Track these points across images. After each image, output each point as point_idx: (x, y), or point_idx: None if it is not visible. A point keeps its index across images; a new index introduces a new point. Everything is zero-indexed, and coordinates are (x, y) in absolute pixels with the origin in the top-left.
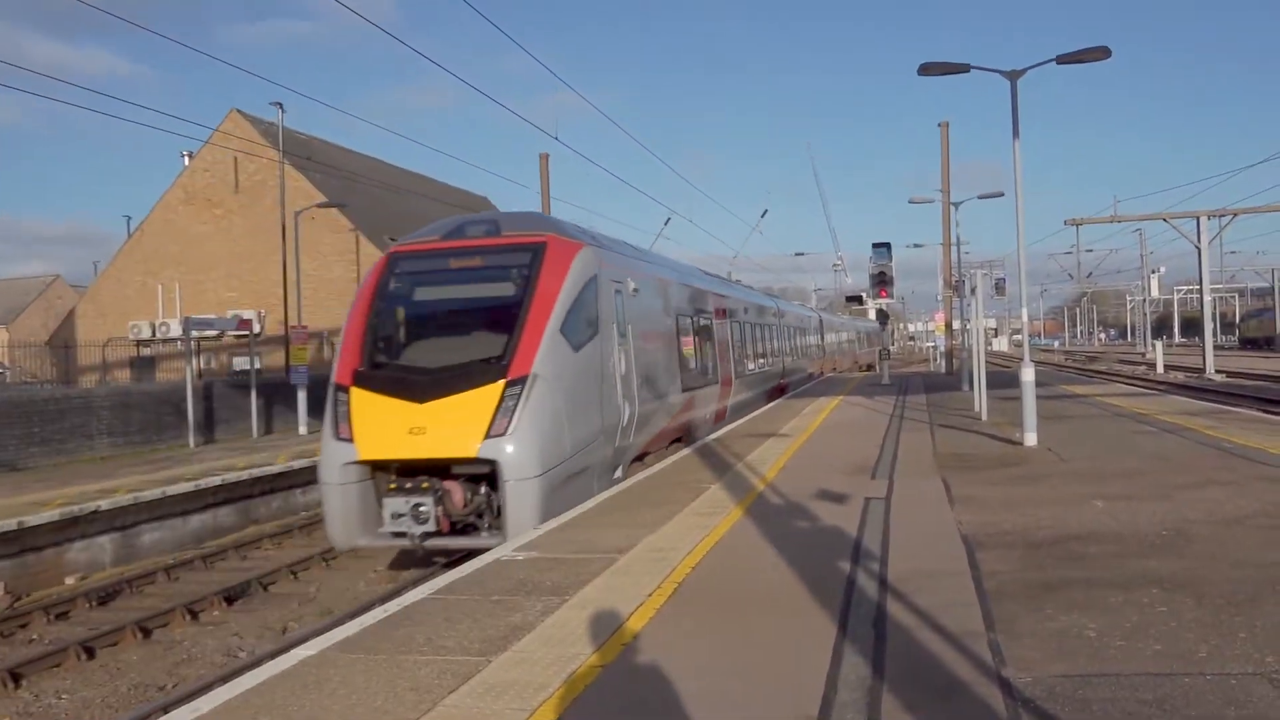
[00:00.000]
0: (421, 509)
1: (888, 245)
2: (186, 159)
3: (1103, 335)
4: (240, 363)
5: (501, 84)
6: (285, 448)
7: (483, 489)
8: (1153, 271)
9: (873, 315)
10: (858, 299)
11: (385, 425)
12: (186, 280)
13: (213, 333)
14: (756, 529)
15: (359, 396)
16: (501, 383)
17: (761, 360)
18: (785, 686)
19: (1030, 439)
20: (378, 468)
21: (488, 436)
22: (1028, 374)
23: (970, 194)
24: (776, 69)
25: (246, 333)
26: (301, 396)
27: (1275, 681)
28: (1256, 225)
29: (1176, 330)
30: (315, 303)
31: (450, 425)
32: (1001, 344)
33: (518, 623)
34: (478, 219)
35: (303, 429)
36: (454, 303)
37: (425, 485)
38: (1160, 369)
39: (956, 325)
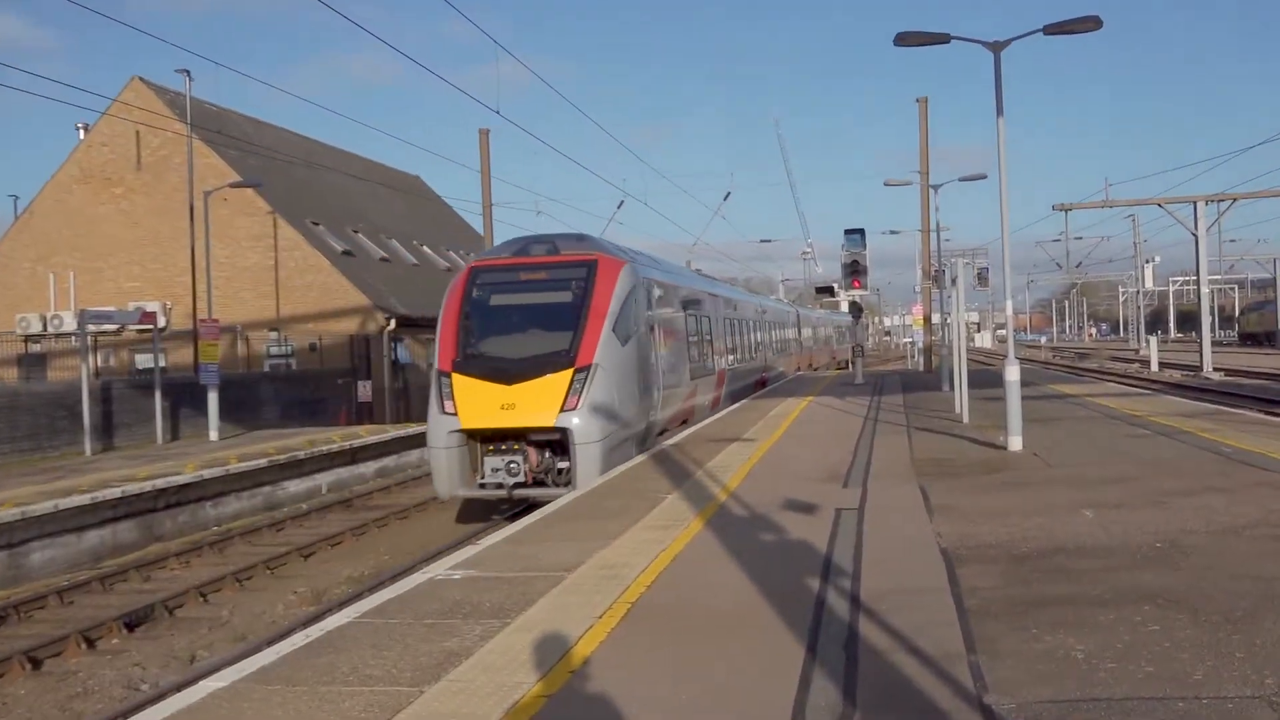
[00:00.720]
0: (513, 465)
1: (861, 232)
2: (82, 132)
3: (1093, 330)
4: (143, 360)
5: (441, 53)
6: (194, 455)
7: (546, 453)
8: (1147, 261)
9: (845, 308)
10: (829, 290)
11: (481, 402)
12: (82, 268)
13: (112, 327)
14: (718, 543)
15: (460, 380)
16: (570, 370)
17: (748, 354)
18: (748, 716)
19: (1015, 443)
20: (471, 435)
21: (561, 411)
22: (1012, 372)
23: (951, 177)
24: (741, 39)
25: (150, 327)
26: (212, 398)
27: (1275, 705)
28: (1257, 211)
29: (1172, 325)
30: (228, 293)
31: (532, 402)
32: (984, 339)
33: (454, 648)
34: (539, 239)
35: (214, 434)
36: (527, 308)
37: (516, 448)
38: (1155, 367)
39: (936, 319)
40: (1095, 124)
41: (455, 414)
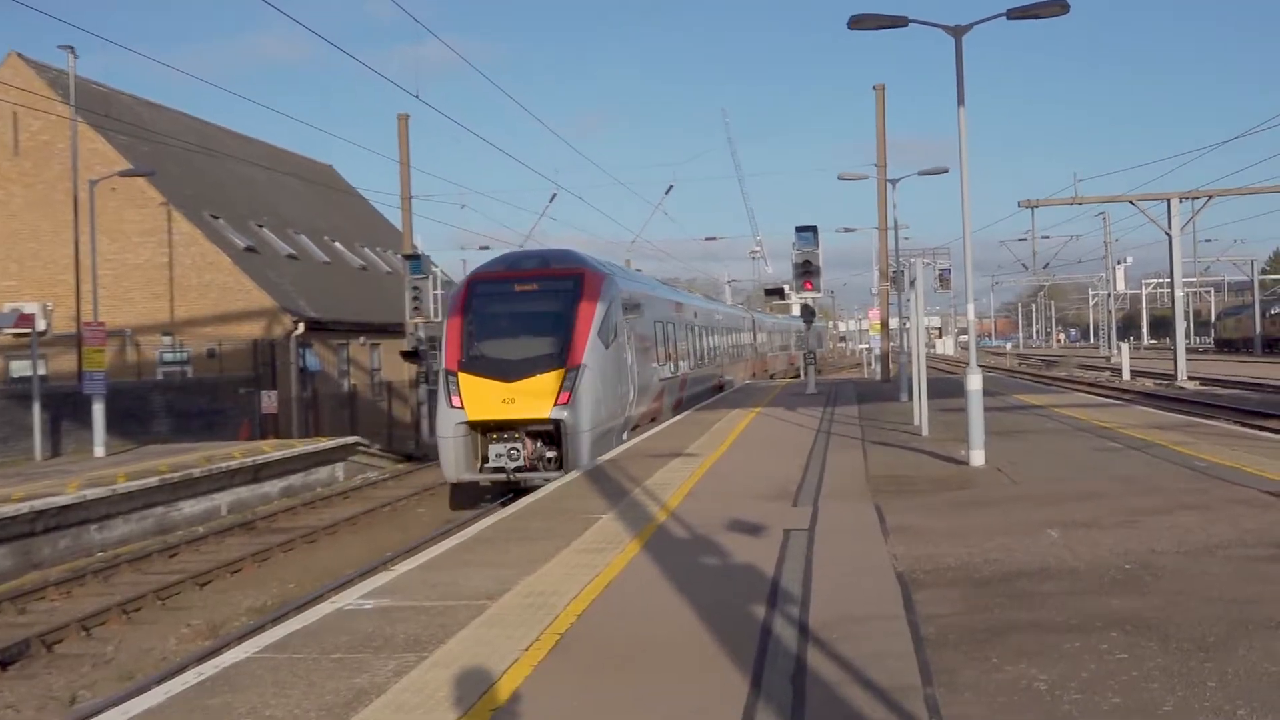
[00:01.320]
0: (514, 451)
1: (814, 229)
2: None
3: (1062, 335)
4: (20, 368)
5: (357, 32)
6: (77, 473)
7: (538, 443)
8: (1118, 262)
9: (796, 311)
10: (778, 292)
11: (485, 397)
12: None
13: None
14: (655, 568)
15: (465, 378)
16: (562, 370)
17: (708, 359)
18: None
19: (977, 458)
20: (473, 426)
21: (555, 405)
22: (974, 381)
23: (910, 170)
24: (686, 20)
25: (28, 330)
26: (98, 410)
27: None
28: (1234, 209)
29: (1145, 330)
30: (116, 294)
31: (530, 397)
32: (946, 346)
33: (364, 686)
34: (530, 255)
35: (99, 450)
36: (522, 315)
37: (517, 436)
38: (1126, 375)
39: (894, 324)
40: (1063, 116)
41: (462, 407)
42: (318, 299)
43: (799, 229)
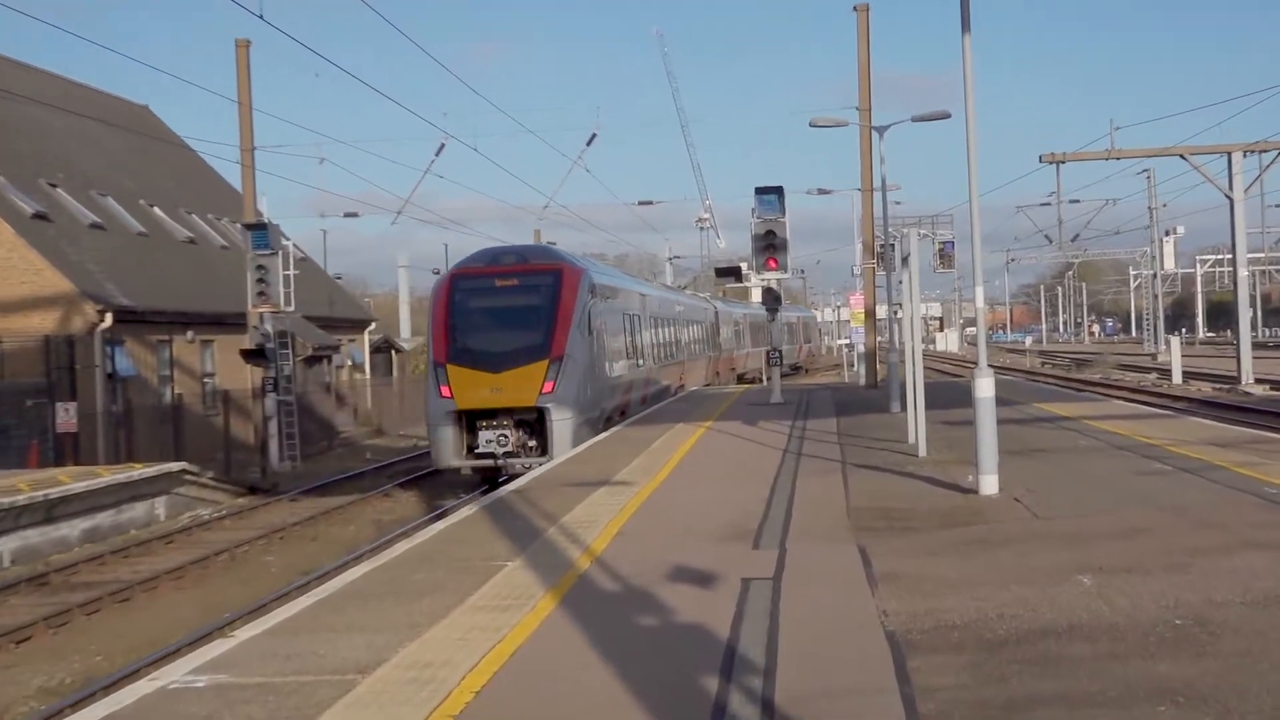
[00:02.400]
0: (502, 438)
1: (778, 191)
2: None
3: (1096, 327)
4: None
5: None
6: None
7: (520, 432)
8: (1166, 233)
9: (756, 297)
10: (733, 272)
11: (473, 387)
12: None
13: None
14: (576, 631)
15: (454, 370)
16: (546, 360)
17: (672, 355)
18: None
19: (989, 484)
20: (462, 415)
21: (540, 393)
22: (985, 386)
23: (903, 116)
24: None
25: None
26: None
27: None
28: None
29: (1201, 319)
30: None
31: (516, 386)
32: (949, 341)
33: None
34: (508, 251)
35: None
36: (506, 309)
37: (505, 424)
38: (1177, 377)
39: (883, 313)
40: (1096, 48)
41: (452, 397)
42: (131, 282)
43: (760, 191)
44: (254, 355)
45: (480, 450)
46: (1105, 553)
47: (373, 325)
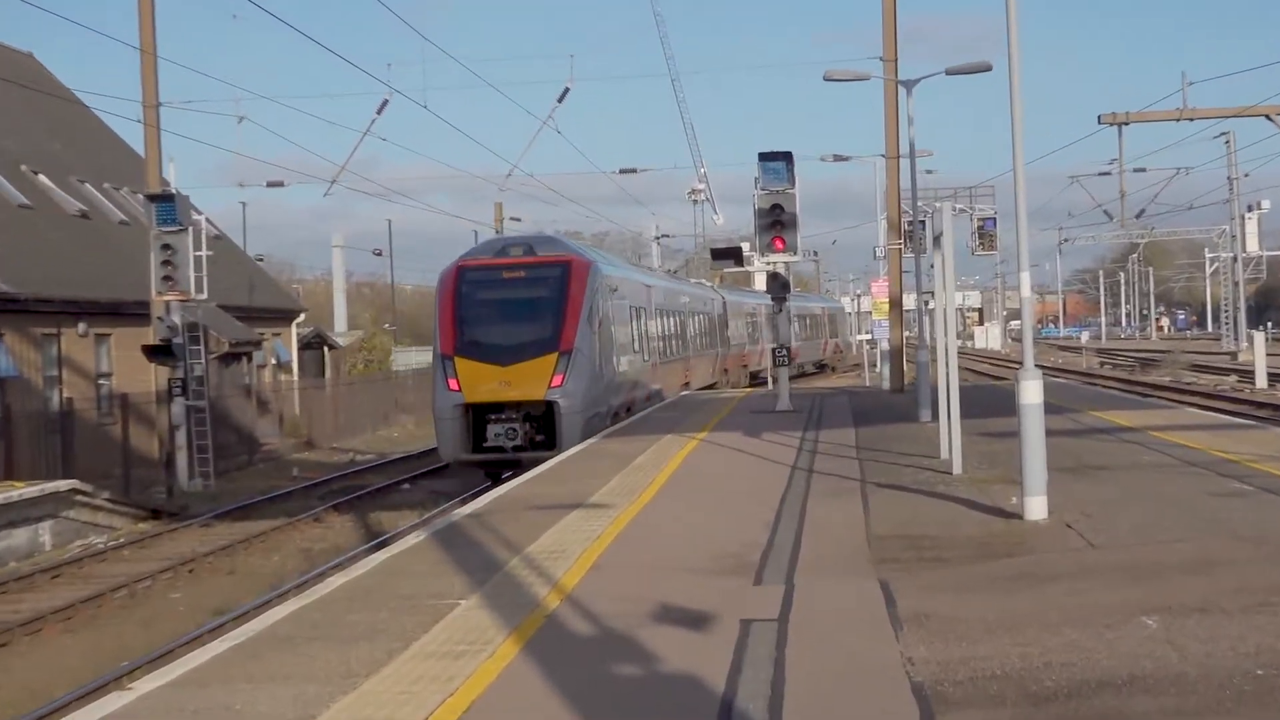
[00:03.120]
0: (512, 431)
1: (787, 158)
2: None
3: (1165, 320)
4: None
5: None
6: None
7: (527, 426)
8: (1249, 209)
9: (759, 284)
10: (732, 254)
11: (482, 380)
12: None
13: None
14: (543, 682)
15: (462, 362)
16: (556, 354)
17: (676, 351)
18: None
19: (1036, 507)
20: (470, 409)
21: (550, 387)
22: (1031, 391)
23: (936, 68)
24: None
25: None
26: None
27: None
28: None
29: None
30: None
31: (526, 379)
32: (990, 336)
33: None
34: (515, 241)
35: None
36: (515, 301)
37: (514, 417)
38: (1262, 380)
39: (910, 303)
40: None
41: (460, 390)
42: (11, 264)
43: (764, 158)
44: (159, 352)
45: (489, 444)
46: (1174, 589)
47: (302, 316)
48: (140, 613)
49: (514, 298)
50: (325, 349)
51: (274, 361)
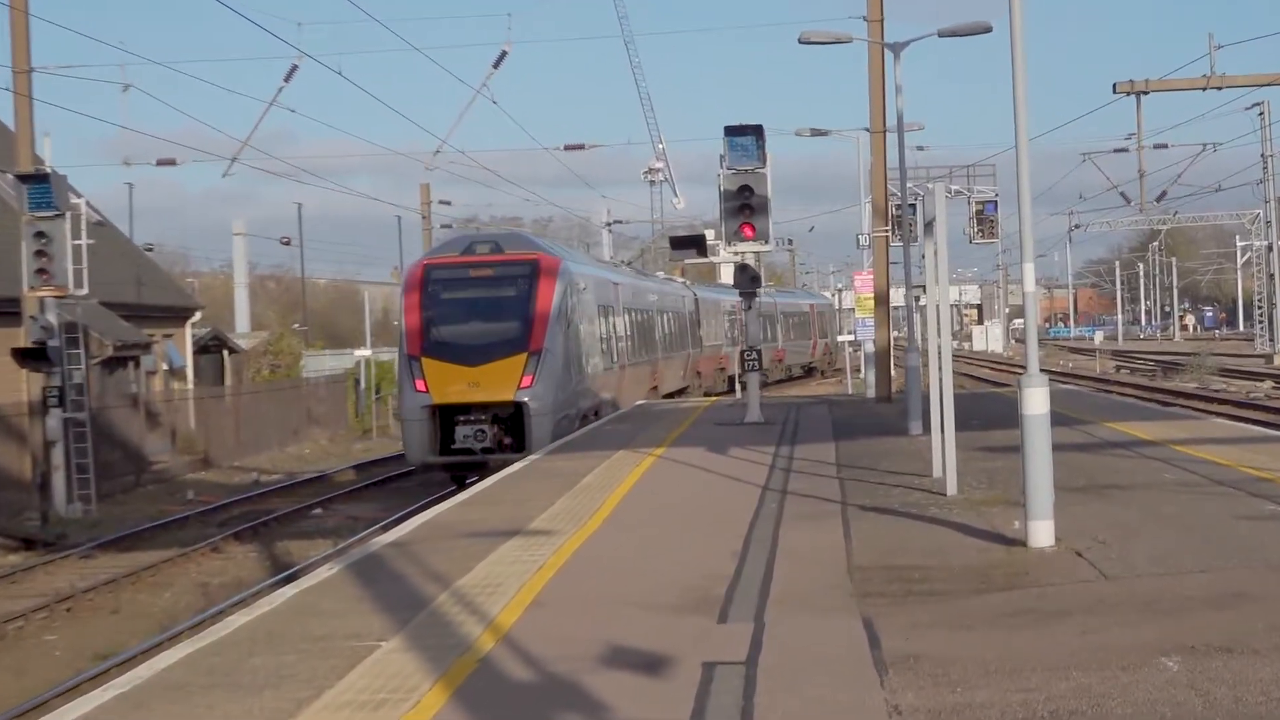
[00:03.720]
0: (480, 433)
1: (757, 132)
2: None
3: (1190, 318)
4: None
5: None
6: None
7: (496, 427)
8: None
9: (727, 276)
10: (695, 243)
11: (449, 381)
12: None
13: None
14: None
15: (429, 363)
16: (525, 354)
17: (645, 353)
18: None
19: (1042, 533)
20: (437, 410)
21: (519, 388)
22: (1037, 399)
23: (928, 29)
24: None
25: None
26: None
27: None
28: None
29: None
30: None
31: (495, 380)
32: (991, 336)
33: None
34: (482, 239)
35: None
36: (482, 301)
37: (483, 419)
38: None
39: (899, 299)
40: None
41: (428, 391)
42: None
43: (731, 132)
44: (32, 356)
45: (457, 446)
46: (1198, 626)
47: (198, 315)
48: (10, 658)
49: (482, 297)
50: (225, 353)
51: (166, 367)
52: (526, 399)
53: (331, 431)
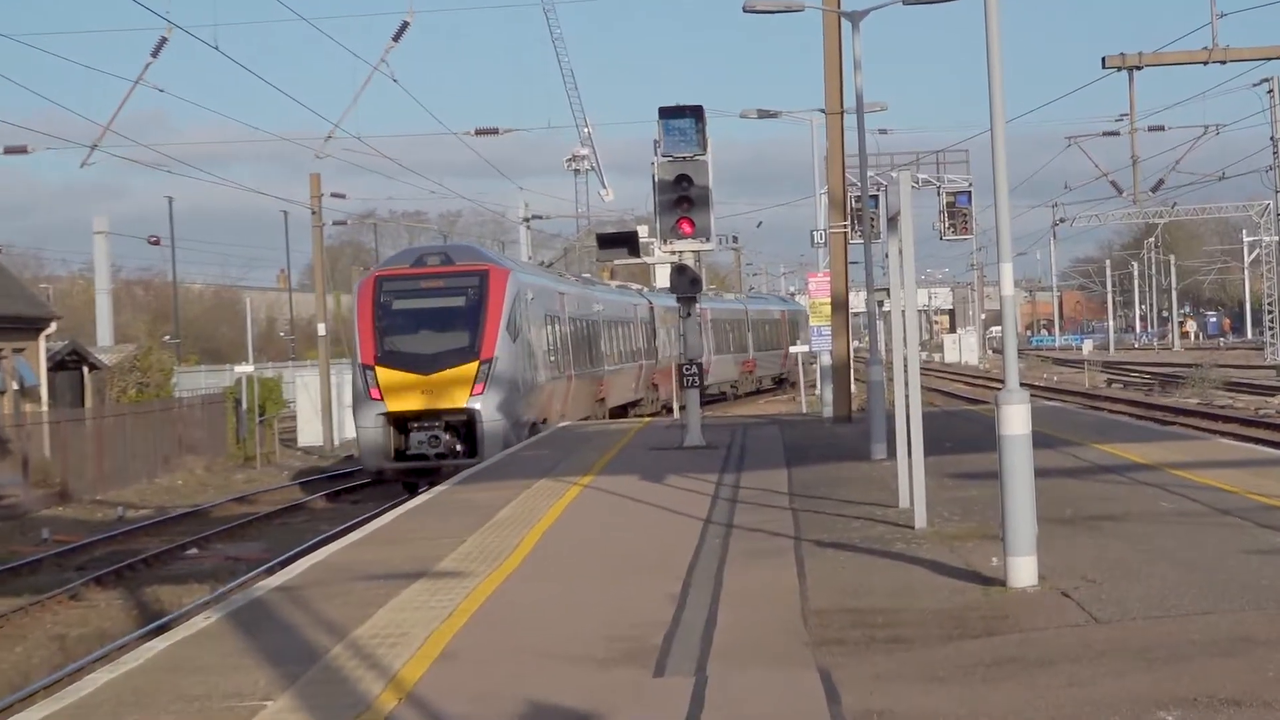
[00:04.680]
0: (434, 439)
1: (696, 114)
2: None
3: (1191, 324)
4: None
5: None
6: None
7: (450, 434)
8: None
9: (662, 279)
10: (626, 241)
11: (404, 389)
12: None
13: None
14: None
15: (384, 371)
16: (476, 362)
17: (599, 360)
18: None
19: (1023, 570)
20: (392, 418)
21: (471, 395)
22: (1017, 418)
23: None
24: None
25: None
26: None
27: None
28: None
29: None
30: None
31: (447, 388)
32: (966, 346)
33: None
34: (432, 250)
35: None
36: (434, 311)
37: (438, 425)
38: None
39: (860, 304)
40: None
41: (382, 399)
42: None
43: (667, 114)
44: None
45: (412, 452)
46: (1201, 676)
47: (53, 326)
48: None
49: (433, 307)
50: (85, 369)
51: (15, 386)
52: (478, 406)
53: (208, 459)
